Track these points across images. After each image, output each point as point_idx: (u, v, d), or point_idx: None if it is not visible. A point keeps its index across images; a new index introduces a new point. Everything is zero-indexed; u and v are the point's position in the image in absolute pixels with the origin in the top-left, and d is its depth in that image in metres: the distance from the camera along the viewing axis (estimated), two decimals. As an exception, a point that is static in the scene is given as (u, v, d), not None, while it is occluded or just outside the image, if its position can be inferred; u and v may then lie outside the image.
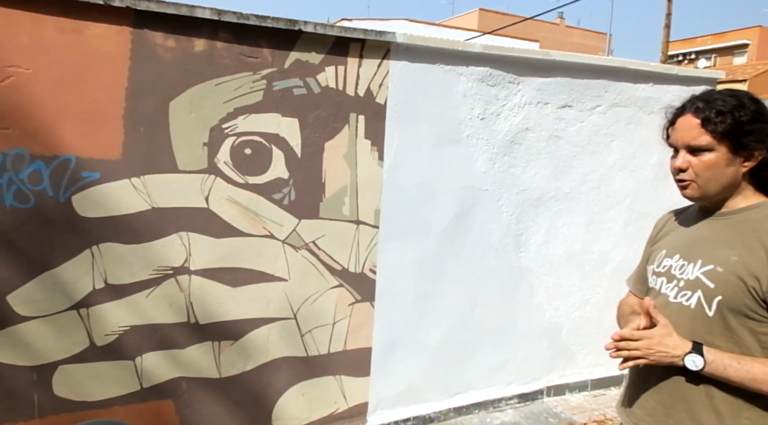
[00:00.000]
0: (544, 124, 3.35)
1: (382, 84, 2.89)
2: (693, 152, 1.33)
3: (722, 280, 1.30)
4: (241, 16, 2.52)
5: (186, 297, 2.61)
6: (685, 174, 1.35)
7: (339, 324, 2.96)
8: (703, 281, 1.33)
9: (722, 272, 1.30)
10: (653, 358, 1.32)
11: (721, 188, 1.34)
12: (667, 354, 1.31)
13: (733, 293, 1.28)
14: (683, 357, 1.29)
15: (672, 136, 1.39)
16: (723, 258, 1.31)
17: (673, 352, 1.30)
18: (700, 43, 30.70)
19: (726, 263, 1.30)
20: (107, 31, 2.34)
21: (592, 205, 3.59)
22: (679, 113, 1.37)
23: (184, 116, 2.51)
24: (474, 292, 3.31)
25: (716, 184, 1.33)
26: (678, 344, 1.31)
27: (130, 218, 2.46)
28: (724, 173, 1.32)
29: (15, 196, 2.28)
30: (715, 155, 1.31)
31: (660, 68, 3.72)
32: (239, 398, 2.79)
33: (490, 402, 3.46)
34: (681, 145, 1.35)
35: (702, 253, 1.36)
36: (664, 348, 1.31)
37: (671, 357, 1.31)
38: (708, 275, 1.32)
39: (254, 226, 2.70)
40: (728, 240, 1.33)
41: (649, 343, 1.33)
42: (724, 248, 1.32)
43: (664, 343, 1.31)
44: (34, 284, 2.34)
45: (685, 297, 1.36)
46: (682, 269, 1.38)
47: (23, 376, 2.37)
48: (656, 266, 1.48)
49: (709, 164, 1.31)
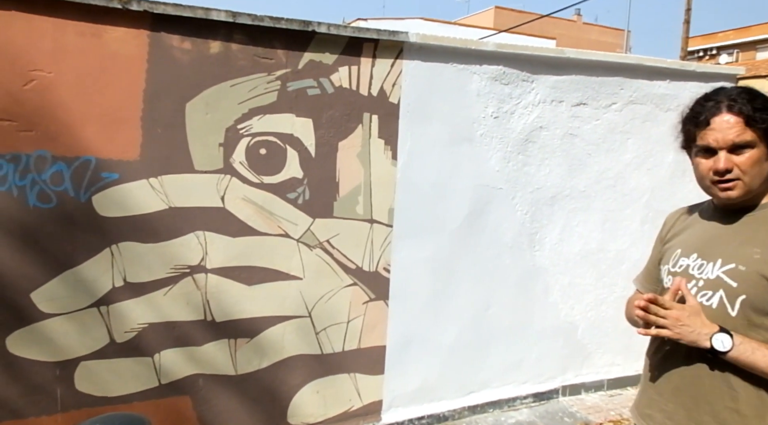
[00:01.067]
0: (559, 122, 3.33)
1: (396, 83, 2.90)
2: (733, 151, 1.30)
3: (745, 279, 1.27)
4: (256, 17, 2.56)
5: (203, 295, 2.65)
6: (732, 174, 1.30)
7: (353, 322, 2.98)
8: (724, 280, 1.30)
9: (745, 271, 1.27)
10: (678, 331, 1.28)
11: (761, 184, 1.32)
12: (693, 331, 1.27)
13: (757, 292, 1.25)
14: (711, 336, 1.25)
15: (706, 137, 1.32)
16: (745, 256, 1.28)
17: (701, 330, 1.26)
18: (721, 39, 30.12)
19: (749, 261, 1.27)
20: (125, 35, 2.39)
21: (607, 203, 3.56)
22: (713, 114, 1.32)
23: (200, 117, 2.55)
24: (488, 291, 3.31)
25: (759, 180, 1.31)
26: (706, 324, 1.28)
27: (148, 218, 2.51)
28: (764, 169, 1.30)
29: (38, 196, 2.34)
30: (758, 151, 1.29)
31: (677, 65, 3.67)
32: (255, 395, 2.83)
33: (505, 401, 3.45)
34: (723, 145, 1.30)
35: (721, 251, 1.33)
36: (692, 324, 1.27)
37: (698, 334, 1.26)
38: (730, 274, 1.29)
39: (269, 225, 2.74)
40: (749, 238, 1.30)
41: (679, 315, 1.28)
42: (746, 246, 1.29)
43: (693, 320, 1.28)
44: (57, 282, 2.40)
45: (705, 297, 1.33)
46: (701, 268, 1.35)
47: (47, 372, 2.43)
48: (672, 266, 1.44)
49: (755, 160, 1.28)
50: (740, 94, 1.30)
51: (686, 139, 1.40)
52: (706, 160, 1.34)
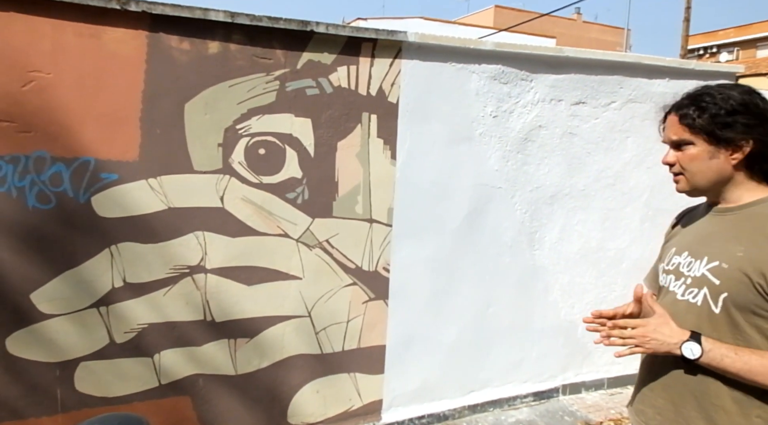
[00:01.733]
0: (558, 121, 3.33)
1: (394, 83, 2.90)
2: (678, 147, 1.38)
3: (728, 276, 1.29)
4: (254, 18, 2.56)
5: (202, 295, 2.66)
6: (674, 168, 1.40)
7: (353, 321, 2.98)
8: (708, 277, 1.32)
9: (728, 269, 1.29)
10: (649, 346, 1.32)
11: (709, 181, 1.36)
12: (663, 342, 1.30)
13: (738, 290, 1.27)
14: (680, 345, 1.28)
15: (663, 134, 1.46)
16: (729, 254, 1.30)
17: (670, 340, 1.30)
18: (721, 37, 30.09)
19: (732, 259, 1.29)
20: (124, 36, 2.39)
21: (607, 202, 3.56)
22: (668, 112, 1.43)
23: (199, 117, 2.55)
24: (488, 290, 3.31)
25: (702, 176, 1.36)
26: (675, 332, 1.31)
27: (147, 218, 2.52)
28: (708, 166, 1.35)
29: (37, 197, 2.34)
30: (697, 148, 1.34)
31: (676, 63, 3.67)
32: (255, 395, 2.83)
33: (506, 400, 3.45)
34: (667, 141, 1.42)
35: (708, 249, 1.36)
36: (660, 336, 1.31)
37: (668, 345, 1.30)
38: (714, 272, 1.32)
39: (268, 225, 2.74)
40: (734, 236, 1.32)
41: (645, 331, 1.32)
42: (730, 244, 1.32)
43: (660, 331, 1.31)
44: (56, 283, 2.41)
45: (691, 295, 1.36)
46: (690, 266, 1.38)
47: (47, 372, 2.43)
48: (666, 264, 1.48)
49: (692, 157, 1.35)
50: (691, 96, 1.38)
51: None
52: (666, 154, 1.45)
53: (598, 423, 3.35)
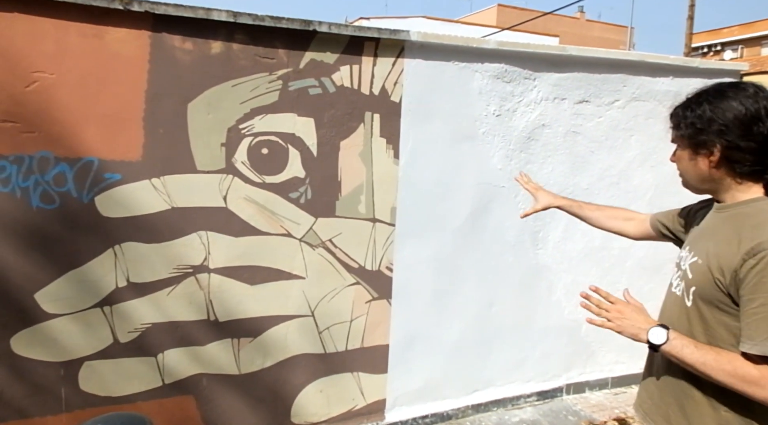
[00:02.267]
0: (561, 120, 3.32)
1: (397, 82, 2.90)
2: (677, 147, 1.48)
3: (698, 271, 1.37)
4: (257, 17, 2.56)
5: (206, 295, 2.66)
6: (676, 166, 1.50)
7: (356, 321, 2.98)
8: (686, 272, 1.42)
9: (700, 264, 1.37)
10: (619, 323, 1.41)
11: (696, 181, 1.44)
12: (633, 325, 1.39)
13: (703, 284, 1.35)
14: (648, 330, 1.36)
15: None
16: (704, 250, 1.38)
17: (640, 325, 1.39)
18: (726, 34, 29.95)
19: (705, 255, 1.37)
20: (127, 36, 2.40)
21: (611, 201, 3.54)
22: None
23: (202, 117, 2.55)
24: (492, 289, 3.30)
25: (689, 176, 1.45)
26: (647, 320, 1.40)
27: (150, 218, 2.52)
28: (690, 167, 1.43)
29: (41, 197, 2.35)
30: (681, 150, 1.45)
31: (680, 61, 3.66)
32: (259, 394, 2.83)
33: (509, 400, 3.45)
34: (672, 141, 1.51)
35: (696, 245, 1.45)
36: (632, 320, 1.40)
37: (637, 328, 1.39)
38: (692, 267, 1.41)
39: (272, 225, 2.74)
40: (715, 233, 1.39)
41: (622, 309, 1.42)
42: (710, 241, 1.39)
43: (634, 316, 1.41)
44: (60, 283, 2.41)
45: (678, 288, 1.46)
46: (685, 260, 1.47)
47: (51, 372, 2.44)
48: (676, 258, 1.56)
49: (679, 158, 1.46)
50: (688, 99, 1.43)
51: None
52: None
53: (602, 422, 3.35)
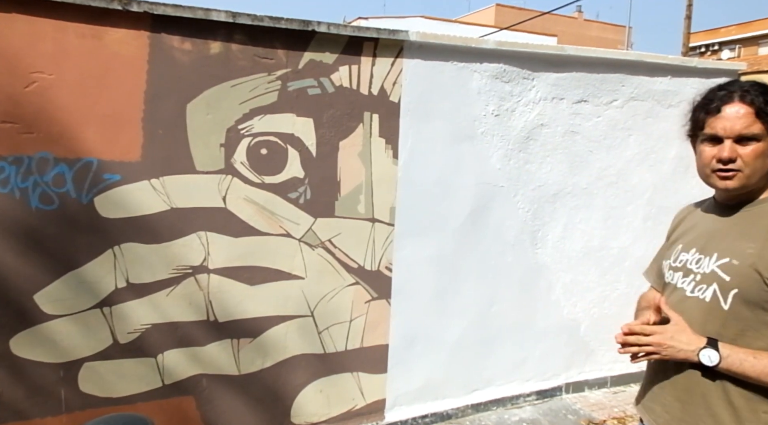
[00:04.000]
0: (560, 119, 3.33)
1: (396, 82, 2.90)
2: (739, 141, 1.30)
3: (738, 273, 1.28)
4: (256, 17, 2.56)
5: (205, 296, 2.66)
6: (734, 164, 1.31)
7: (356, 321, 2.98)
8: (718, 274, 1.32)
9: (738, 265, 1.28)
10: (666, 353, 1.31)
11: (759, 179, 1.33)
12: (680, 350, 1.30)
13: (749, 286, 1.27)
14: (698, 353, 1.28)
15: (714, 124, 1.33)
16: (739, 251, 1.30)
17: (687, 347, 1.29)
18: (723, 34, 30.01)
19: (742, 256, 1.29)
20: (126, 36, 2.40)
21: (609, 200, 3.56)
22: (724, 102, 1.32)
23: (201, 117, 2.55)
24: (491, 288, 3.30)
25: (759, 174, 1.31)
26: (692, 339, 1.30)
27: (150, 219, 2.52)
28: (765, 164, 1.31)
29: (40, 198, 2.35)
30: (763, 144, 1.29)
31: (678, 61, 3.66)
32: (258, 394, 2.83)
33: (509, 399, 3.45)
34: (730, 134, 1.30)
35: (718, 246, 1.35)
36: (678, 344, 1.30)
37: (685, 352, 1.30)
38: (724, 268, 1.31)
39: (271, 225, 2.74)
40: (744, 232, 1.32)
41: (661, 338, 1.32)
42: (741, 241, 1.31)
43: (677, 338, 1.31)
44: (60, 284, 2.41)
45: (701, 291, 1.36)
46: (699, 263, 1.38)
47: (51, 373, 2.44)
48: (672, 261, 1.48)
49: (758, 154, 1.29)
50: (753, 86, 1.32)
51: (694, 126, 1.40)
52: (710, 148, 1.34)
53: (601, 421, 3.35)
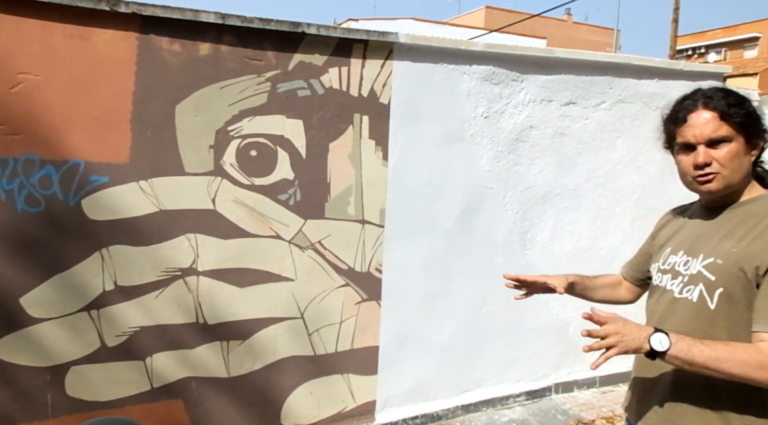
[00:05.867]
0: (549, 121, 3.35)
1: (386, 84, 2.91)
2: (711, 146, 1.35)
3: (723, 271, 1.31)
4: (245, 19, 2.55)
5: (194, 298, 2.64)
6: (711, 168, 1.35)
7: (346, 322, 2.98)
8: (704, 274, 1.35)
9: (722, 264, 1.31)
10: (623, 344, 1.26)
11: (741, 179, 1.36)
12: (634, 338, 1.26)
13: (733, 285, 1.29)
14: (649, 338, 1.25)
15: (685, 133, 1.38)
16: (723, 250, 1.33)
17: (638, 334, 1.27)
18: (709, 37, 30.37)
19: (726, 255, 1.32)
20: (114, 37, 2.38)
21: (598, 201, 3.59)
22: (689, 111, 1.38)
23: (190, 119, 2.54)
24: (481, 290, 3.32)
25: (738, 174, 1.35)
26: (640, 327, 1.29)
27: (138, 221, 2.50)
28: (743, 163, 1.35)
29: (26, 200, 2.32)
30: (736, 144, 1.33)
31: (665, 64, 3.71)
32: (248, 397, 2.82)
33: (499, 400, 3.47)
34: (700, 139, 1.35)
35: (704, 247, 1.38)
36: (629, 331, 1.27)
37: (637, 339, 1.26)
38: (709, 268, 1.34)
39: (260, 227, 2.73)
40: (729, 233, 1.35)
41: (616, 327, 1.28)
42: (725, 241, 1.34)
43: (628, 327, 1.29)
44: (46, 287, 2.39)
45: (689, 292, 1.38)
46: (687, 265, 1.40)
47: (37, 377, 2.41)
48: (661, 264, 1.50)
49: (732, 154, 1.33)
50: (716, 92, 1.37)
51: (668, 138, 1.46)
52: (686, 156, 1.39)
53: (590, 421, 3.37)
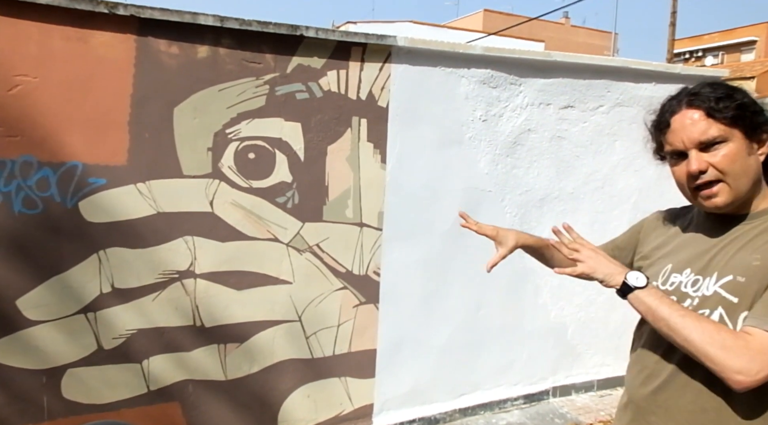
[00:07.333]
0: (547, 125, 3.36)
1: (384, 87, 2.91)
2: (705, 150, 1.14)
3: (747, 292, 1.09)
4: (244, 22, 2.55)
5: (192, 301, 2.64)
6: (708, 175, 1.13)
7: (343, 325, 2.98)
8: (723, 295, 1.12)
9: (745, 283, 1.09)
10: (592, 263, 1.19)
11: (751, 184, 1.14)
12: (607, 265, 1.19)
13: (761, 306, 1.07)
14: (626, 273, 1.16)
15: (672, 139, 1.18)
16: (743, 265, 1.10)
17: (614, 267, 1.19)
18: (707, 41, 30.47)
19: (747, 270, 1.09)
20: (112, 40, 2.38)
21: (596, 205, 3.59)
22: (673, 112, 1.19)
23: (188, 121, 2.54)
24: (479, 293, 3.31)
25: (746, 178, 1.12)
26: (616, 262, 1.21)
27: (136, 223, 2.50)
28: (749, 165, 1.13)
29: (23, 202, 2.32)
30: (734, 144, 1.11)
31: (662, 67, 3.72)
32: (245, 400, 2.81)
33: (496, 403, 3.46)
34: (689, 144, 1.14)
35: (716, 264, 1.16)
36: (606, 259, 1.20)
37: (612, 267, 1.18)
38: (729, 288, 1.11)
39: (258, 229, 2.73)
40: (745, 245, 1.14)
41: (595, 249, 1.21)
42: (742, 253, 1.13)
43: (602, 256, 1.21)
44: (43, 289, 2.38)
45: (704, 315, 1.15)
46: (696, 285, 1.18)
47: (33, 379, 2.40)
48: (661, 283, 1.26)
49: (733, 156, 1.11)
50: (702, 88, 1.17)
51: (657, 147, 1.27)
52: (679, 166, 1.19)
53: (587, 424, 3.37)
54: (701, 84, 1.19)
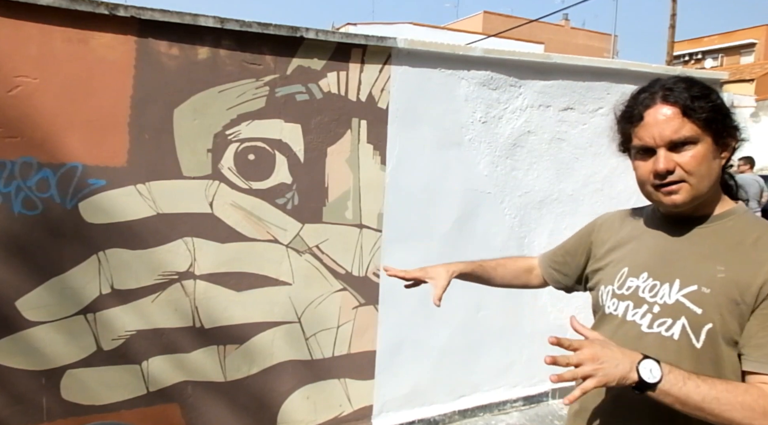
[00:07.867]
0: (546, 126, 3.36)
1: (384, 89, 2.91)
2: (673, 149, 1.11)
3: (712, 303, 1.07)
4: (244, 23, 2.56)
5: (191, 302, 2.64)
6: (675, 175, 1.11)
7: (343, 327, 2.98)
8: (686, 305, 1.09)
9: (710, 294, 1.07)
10: (602, 374, 0.99)
11: (710, 187, 1.12)
12: (618, 364, 0.99)
13: (727, 320, 1.06)
14: (638, 365, 0.99)
15: (642, 134, 1.14)
16: (708, 275, 1.09)
17: (623, 360, 1.00)
18: (706, 43, 30.53)
19: (712, 282, 1.08)
20: (112, 41, 2.38)
21: (595, 206, 3.59)
22: (646, 106, 1.14)
23: (188, 122, 2.54)
24: (478, 294, 3.31)
25: (708, 181, 1.11)
26: (625, 353, 1.01)
27: (135, 224, 2.50)
28: (713, 168, 1.12)
29: (23, 203, 2.32)
30: (703, 146, 1.10)
31: (661, 70, 3.72)
32: (245, 401, 2.81)
33: (495, 405, 3.46)
34: (660, 142, 1.11)
35: (678, 271, 1.13)
36: (612, 357, 1.00)
37: (623, 367, 0.99)
38: (693, 298, 1.09)
39: (258, 231, 2.73)
40: (708, 253, 1.12)
41: (593, 351, 1.00)
42: (706, 263, 1.10)
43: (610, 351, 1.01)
44: (42, 290, 2.38)
45: (664, 326, 1.12)
46: (654, 290, 1.15)
47: (32, 380, 2.40)
48: (617, 288, 1.22)
49: (701, 158, 1.09)
50: (678, 83, 1.12)
51: (623, 139, 1.22)
52: (644, 162, 1.15)
53: (587, 426, 3.37)
54: (675, 78, 1.15)
